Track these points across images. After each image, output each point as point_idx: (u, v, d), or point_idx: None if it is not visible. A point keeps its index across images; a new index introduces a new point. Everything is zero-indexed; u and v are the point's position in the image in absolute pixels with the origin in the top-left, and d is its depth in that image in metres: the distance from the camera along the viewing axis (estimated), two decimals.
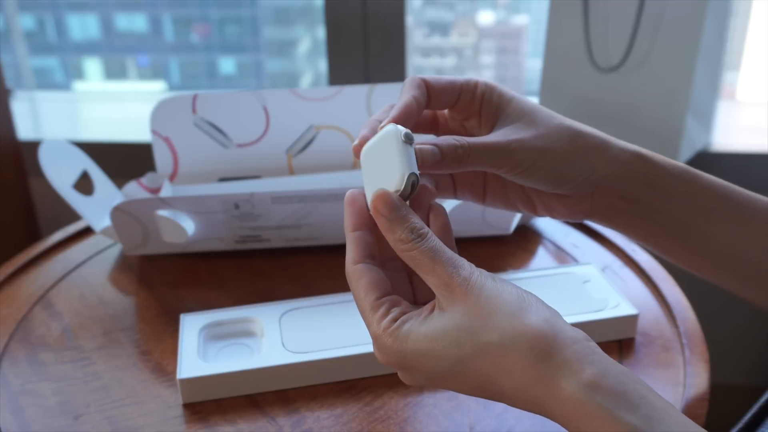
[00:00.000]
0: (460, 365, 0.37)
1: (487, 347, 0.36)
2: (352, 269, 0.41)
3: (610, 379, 0.34)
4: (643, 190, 0.47)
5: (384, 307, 0.39)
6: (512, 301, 0.37)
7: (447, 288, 0.37)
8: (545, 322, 0.36)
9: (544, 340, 0.35)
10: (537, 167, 0.45)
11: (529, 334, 0.36)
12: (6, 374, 0.57)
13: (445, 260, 0.38)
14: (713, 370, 0.56)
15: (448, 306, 0.37)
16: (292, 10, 1.68)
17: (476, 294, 0.37)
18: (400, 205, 0.40)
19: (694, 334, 0.59)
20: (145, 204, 0.66)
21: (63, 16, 1.74)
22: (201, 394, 0.53)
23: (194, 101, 0.76)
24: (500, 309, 0.36)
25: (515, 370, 0.35)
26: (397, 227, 0.39)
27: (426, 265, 0.38)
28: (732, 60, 1.34)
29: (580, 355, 0.35)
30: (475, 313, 0.37)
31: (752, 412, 0.50)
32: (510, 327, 0.36)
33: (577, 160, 0.46)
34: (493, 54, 1.67)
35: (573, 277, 0.64)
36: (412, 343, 0.37)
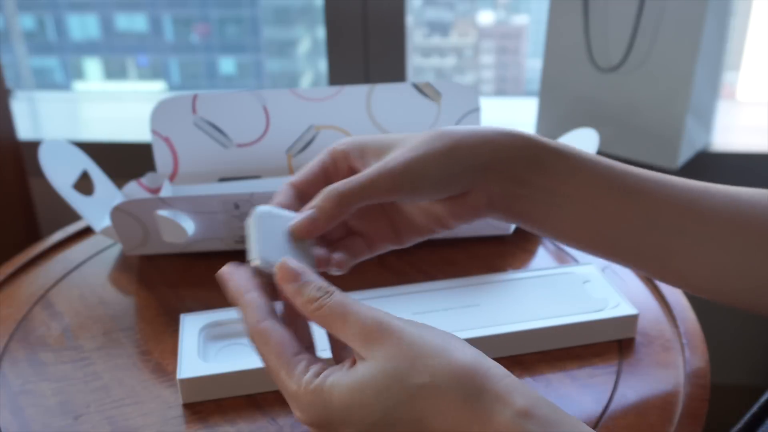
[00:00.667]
0: (392, 412, 0.35)
1: (419, 390, 0.35)
2: (255, 330, 0.39)
3: (542, 408, 0.34)
4: (530, 169, 0.46)
5: (302, 363, 0.38)
6: (436, 342, 0.36)
7: (364, 337, 0.36)
8: (474, 360, 0.36)
9: (475, 377, 0.35)
10: (420, 177, 0.44)
11: (460, 373, 0.35)
12: (6, 374, 0.57)
13: (356, 309, 0.37)
14: (713, 370, 0.56)
15: (370, 353, 0.36)
16: (292, 10, 1.69)
17: (397, 336, 0.36)
18: (303, 271, 0.40)
19: (694, 334, 0.59)
20: (145, 204, 0.66)
21: (63, 16, 1.74)
22: (201, 394, 0.53)
23: (194, 101, 0.76)
24: (425, 350, 0.36)
25: (449, 410, 0.35)
26: (303, 290, 0.39)
27: (338, 318, 0.37)
28: (732, 60, 1.34)
29: (511, 388, 0.35)
30: (399, 356, 0.36)
31: (752, 412, 0.50)
32: (440, 367, 0.35)
33: (454, 153, 0.45)
34: (493, 54, 1.67)
35: (573, 277, 0.64)
36: (338, 396, 0.36)
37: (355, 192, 0.44)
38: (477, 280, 0.64)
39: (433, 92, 0.78)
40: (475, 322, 0.58)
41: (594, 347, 0.58)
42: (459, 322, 0.58)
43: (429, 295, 0.61)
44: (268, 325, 0.39)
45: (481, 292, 0.62)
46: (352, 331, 0.37)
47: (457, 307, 0.60)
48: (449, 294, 0.62)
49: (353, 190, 0.44)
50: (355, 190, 0.44)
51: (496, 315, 0.58)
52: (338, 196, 0.43)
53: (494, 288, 0.62)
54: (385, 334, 0.36)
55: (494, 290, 0.62)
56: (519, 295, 0.61)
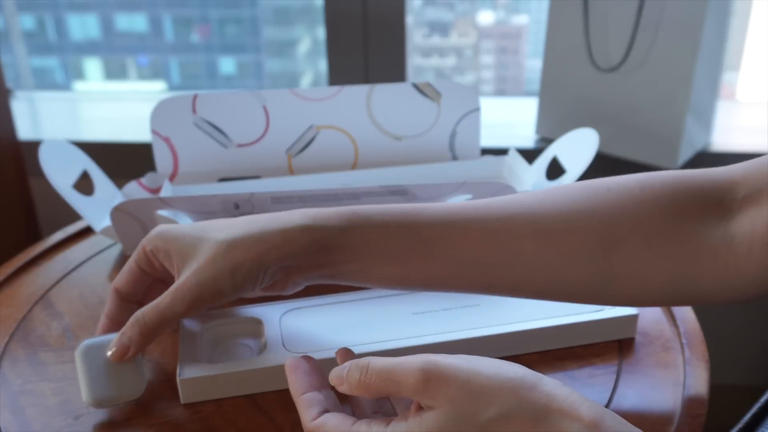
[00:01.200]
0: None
1: (489, 425, 0.36)
2: (313, 425, 0.41)
3: (608, 420, 0.36)
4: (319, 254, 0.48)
5: (363, 423, 0.40)
6: (491, 369, 0.38)
7: (421, 389, 0.38)
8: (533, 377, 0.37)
9: (540, 400, 0.36)
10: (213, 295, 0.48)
11: (525, 397, 0.36)
12: (6, 374, 0.57)
13: (400, 368, 0.39)
14: (713, 370, 0.56)
15: (431, 401, 0.37)
16: (292, 10, 1.69)
17: (452, 378, 0.37)
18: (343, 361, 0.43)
19: (694, 334, 0.59)
20: (145, 204, 0.66)
21: (63, 16, 1.74)
22: (201, 394, 0.53)
23: (194, 101, 0.76)
24: (484, 383, 0.37)
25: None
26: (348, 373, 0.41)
27: (388, 384, 0.39)
28: (732, 60, 1.34)
29: (577, 405, 0.36)
30: (462, 397, 0.37)
31: (752, 412, 0.50)
32: (502, 396, 0.36)
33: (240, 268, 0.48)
34: (493, 54, 1.67)
35: None
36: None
37: (158, 321, 0.49)
38: None
39: (433, 92, 0.78)
40: (475, 322, 0.58)
41: (594, 347, 0.58)
42: (459, 322, 0.58)
43: (429, 295, 0.61)
44: (322, 419, 0.41)
45: None
46: (406, 386, 0.38)
47: (457, 307, 0.60)
48: (449, 294, 0.62)
49: (155, 320, 0.49)
50: (157, 319, 0.48)
51: (496, 315, 0.58)
52: (144, 326, 0.49)
53: None
54: (440, 380, 0.37)
55: None
56: None
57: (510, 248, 0.47)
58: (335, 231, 0.48)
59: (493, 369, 0.38)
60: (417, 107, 0.79)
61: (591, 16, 1.07)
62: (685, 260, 0.45)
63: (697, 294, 0.46)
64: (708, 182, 0.47)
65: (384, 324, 0.57)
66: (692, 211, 0.46)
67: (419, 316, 0.58)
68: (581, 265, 0.47)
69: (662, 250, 0.46)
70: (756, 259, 0.43)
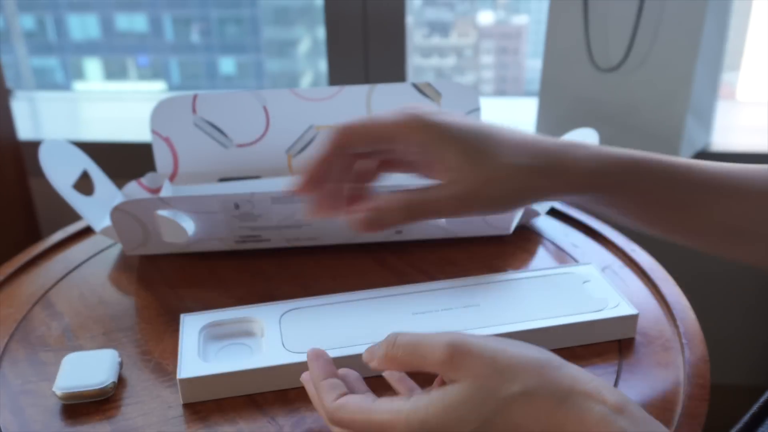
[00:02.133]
0: (489, 424, 0.37)
1: (512, 401, 0.37)
2: (335, 405, 0.42)
3: (632, 405, 0.36)
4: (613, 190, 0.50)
5: (385, 398, 0.40)
6: (516, 349, 0.39)
7: (447, 363, 0.38)
8: (558, 361, 0.38)
9: (563, 381, 0.37)
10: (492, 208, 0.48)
11: (548, 377, 0.37)
12: (6, 374, 0.57)
13: (426, 341, 0.39)
14: (713, 370, 0.56)
15: (457, 375, 0.38)
16: (292, 10, 1.69)
17: (477, 353, 0.38)
18: (370, 351, 0.43)
19: (694, 334, 0.59)
20: (145, 204, 0.66)
21: (63, 16, 1.74)
22: (201, 394, 0.53)
23: (194, 101, 0.76)
24: (510, 361, 0.38)
25: (543, 414, 0.36)
26: (376, 349, 0.42)
27: (414, 357, 0.40)
28: (732, 60, 1.34)
29: (600, 388, 0.37)
30: (487, 372, 0.38)
31: (752, 412, 0.50)
32: (526, 375, 0.37)
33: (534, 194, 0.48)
34: (493, 54, 1.67)
35: (573, 277, 0.64)
36: (433, 416, 0.38)
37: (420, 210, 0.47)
38: (477, 280, 0.64)
39: (433, 92, 0.78)
40: (475, 322, 0.58)
41: (594, 347, 0.58)
42: (459, 322, 0.58)
43: (429, 295, 0.61)
44: (344, 399, 0.42)
45: (481, 292, 0.62)
46: (433, 360, 0.39)
47: (457, 307, 0.60)
48: (449, 294, 0.62)
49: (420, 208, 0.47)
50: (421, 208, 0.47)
51: (496, 315, 0.58)
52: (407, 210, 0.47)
53: (494, 288, 0.62)
54: (465, 355, 0.38)
55: (494, 290, 0.62)
56: (519, 295, 0.61)
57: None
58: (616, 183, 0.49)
59: (519, 349, 0.39)
60: None
61: (591, 16, 1.07)
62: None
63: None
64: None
65: (384, 324, 0.57)
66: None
67: (419, 316, 0.58)
68: None
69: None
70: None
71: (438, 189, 0.47)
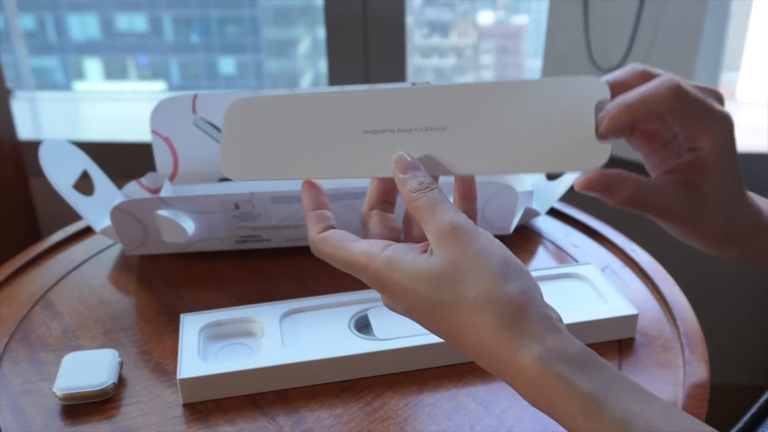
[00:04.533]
0: (437, 308, 0.39)
1: (463, 300, 0.38)
2: (318, 237, 0.43)
3: (570, 350, 0.36)
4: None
5: (365, 241, 0.42)
6: (497, 263, 0.38)
7: (439, 232, 0.39)
8: (521, 293, 0.38)
9: (515, 309, 0.37)
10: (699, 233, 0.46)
11: (503, 300, 0.37)
12: (6, 374, 0.57)
13: (444, 209, 0.40)
14: (713, 370, 0.56)
15: (437, 250, 0.39)
16: (292, 10, 1.69)
17: (466, 244, 0.39)
18: (416, 166, 0.42)
19: (694, 334, 0.59)
20: (145, 204, 0.66)
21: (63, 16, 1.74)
22: (201, 394, 0.53)
23: (194, 101, 0.76)
24: (483, 267, 0.38)
25: (483, 329, 0.37)
26: (409, 180, 0.41)
27: (426, 212, 0.40)
28: (732, 60, 1.34)
29: (546, 330, 0.37)
30: (459, 263, 0.38)
31: (752, 412, 0.50)
32: (487, 288, 0.38)
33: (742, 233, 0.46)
34: (493, 54, 1.67)
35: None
36: (398, 274, 0.40)
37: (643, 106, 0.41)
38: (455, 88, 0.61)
39: None
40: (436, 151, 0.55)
41: (594, 347, 0.57)
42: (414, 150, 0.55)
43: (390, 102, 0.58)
44: (327, 233, 0.43)
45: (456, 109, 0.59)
46: (433, 226, 0.40)
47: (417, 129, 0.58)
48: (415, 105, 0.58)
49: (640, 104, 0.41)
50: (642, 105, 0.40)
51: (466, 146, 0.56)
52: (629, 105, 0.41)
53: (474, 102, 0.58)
54: (457, 239, 0.39)
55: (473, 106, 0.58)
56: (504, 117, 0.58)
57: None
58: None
59: (500, 266, 0.38)
60: None
61: (591, 16, 1.07)
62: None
63: None
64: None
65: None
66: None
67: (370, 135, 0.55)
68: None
69: None
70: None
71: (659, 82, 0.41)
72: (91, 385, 0.53)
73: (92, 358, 0.56)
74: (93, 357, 0.56)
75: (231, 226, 0.69)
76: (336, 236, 0.43)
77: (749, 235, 0.47)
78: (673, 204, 0.44)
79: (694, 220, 0.45)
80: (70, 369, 0.55)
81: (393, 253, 0.40)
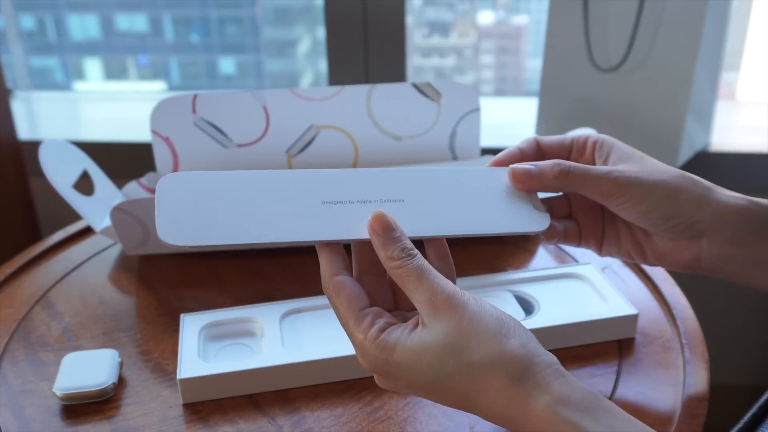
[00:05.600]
0: (442, 381, 0.39)
1: (468, 367, 0.39)
2: (331, 282, 0.43)
3: (576, 396, 0.37)
4: (758, 234, 0.47)
5: (369, 317, 0.42)
6: (493, 324, 0.39)
7: (431, 304, 0.40)
8: (522, 347, 0.39)
9: (520, 364, 0.38)
10: (638, 200, 0.47)
11: (508, 358, 0.38)
12: (6, 374, 0.57)
13: (430, 278, 0.41)
14: (713, 370, 0.56)
15: (431, 322, 0.40)
16: (292, 10, 1.69)
17: (459, 312, 0.39)
18: (394, 227, 0.42)
19: (694, 334, 0.59)
20: (145, 204, 0.66)
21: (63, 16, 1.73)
22: (201, 394, 0.53)
23: (194, 101, 0.76)
24: (482, 331, 0.39)
25: (492, 389, 0.38)
26: (389, 246, 0.42)
27: (412, 282, 0.40)
28: (732, 60, 1.34)
29: (551, 378, 0.38)
30: (457, 332, 0.39)
31: (752, 412, 0.50)
32: (491, 350, 0.38)
33: (679, 201, 0.47)
34: (493, 54, 1.67)
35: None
36: (398, 355, 0.40)
37: (579, 178, 0.47)
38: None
39: (433, 92, 0.78)
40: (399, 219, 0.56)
41: (594, 347, 0.58)
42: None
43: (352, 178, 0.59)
44: (343, 279, 0.43)
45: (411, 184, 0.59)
46: (423, 297, 0.40)
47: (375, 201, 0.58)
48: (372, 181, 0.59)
49: (578, 175, 0.47)
50: (580, 176, 0.47)
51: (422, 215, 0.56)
52: (565, 170, 0.47)
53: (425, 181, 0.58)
54: (450, 309, 0.39)
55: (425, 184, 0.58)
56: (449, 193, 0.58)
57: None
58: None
59: (496, 326, 0.39)
60: (417, 107, 0.79)
61: (591, 16, 1.07)
62: None
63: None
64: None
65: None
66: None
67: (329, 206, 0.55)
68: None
69: None
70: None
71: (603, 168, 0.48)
72: (91, 385, 0.53)
73: (92, 358, 0.56)
74: (93, 357, 0.56)
75: None
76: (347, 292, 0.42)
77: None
78: None
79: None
80: (70, 369, 0.55)
81: (387, 336, 0.40)
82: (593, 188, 0.47)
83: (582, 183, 0.47)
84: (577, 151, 0.51)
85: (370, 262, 0.44)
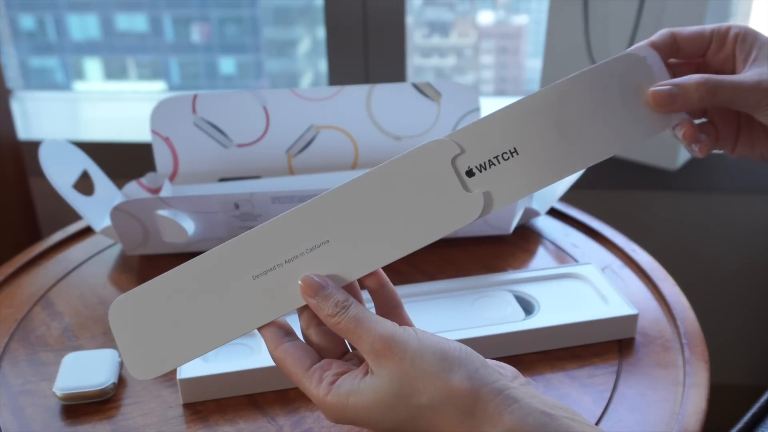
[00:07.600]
0: (400, 427, 0.40)
1: (420, 410, 0.39)
2: (274, 355, 0.43)
3: (529, 422, 0.37)
4: None
5: (316, 374, 0.42)
6: (435, 361, 0.39)
7: (373, 352, 0.40)
8: (468, 380, 0.39)
9: (468, 399, 0.38)
10: None
11: (455, 395, 0.38)
12: (6, 374, 0.57)
13: (367, 326, 0.41)
14: (713, 370, 0.56)
15: (377, 370, 0.40)
16: (292, 10, 1.68)
17: (400, 356, 0.39)
18: (324, 285, 0.42)
19: (694, 334, 0.59)
20: (145, 204, 0.66)
21: (63, 16, 1.73)
22: (201, 394, 0.53)
23: (194, 101, 0.76)
24: (425, 370, 0.39)
25: (447, 428, 0.39)
26: (323, 304, 0.42)
27: (351, 333, 0.41)
28: None
29: (501, 408, 0.38)
30: (402, 377, 0.39)
31: (752, 412, 0.50)
32: (437, 389, 0.39)
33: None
34: (493, 54, 1.67)
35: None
36: (353, 405, 0.40)
37: (727, 93, 0.44)
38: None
39: (433, 92, 0.78)
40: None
41: (594, 347, 0.58)
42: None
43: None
44: (284, 348, 0.43)
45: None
46: (365, 346, 0.40)
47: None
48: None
49: (726, 90, 0.44)
50: (728, 91, 0.44)
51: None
52: (712, 88, 0.44)
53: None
54: (391, 353, 0.40)
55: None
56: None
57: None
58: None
59: (439, 363, 0.39)
60: (417, 107, 0.79)
61: (591, 16, 1.07)
62: None
63: None
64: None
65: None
66: None
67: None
68: None
69: None
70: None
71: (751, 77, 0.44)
72: (91, 385, 0.53)
73: (92, 358, 0.56)
74: (93, 357, 0.56)
75: (231, 226, 0.69)
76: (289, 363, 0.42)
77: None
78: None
79: None
80: (70, 369, 0.55)
81: (338, 389, 0.41)
82: (741, 102, 0.44)
83: (730, 99, 0.44)
84: (717, 45, 0.47)
85: (312, 314, 0.43)
